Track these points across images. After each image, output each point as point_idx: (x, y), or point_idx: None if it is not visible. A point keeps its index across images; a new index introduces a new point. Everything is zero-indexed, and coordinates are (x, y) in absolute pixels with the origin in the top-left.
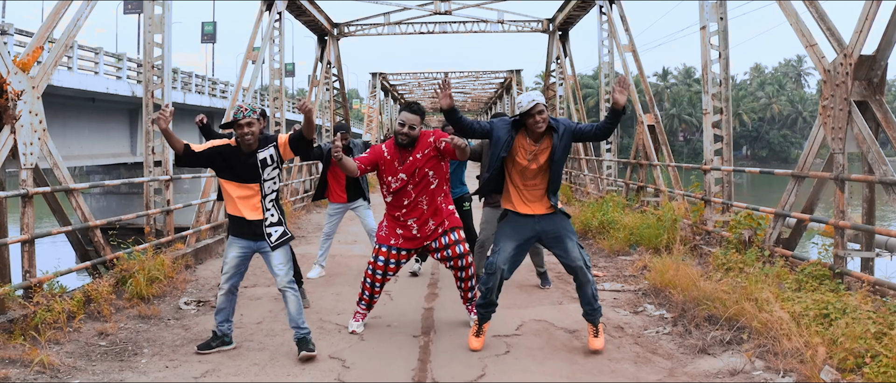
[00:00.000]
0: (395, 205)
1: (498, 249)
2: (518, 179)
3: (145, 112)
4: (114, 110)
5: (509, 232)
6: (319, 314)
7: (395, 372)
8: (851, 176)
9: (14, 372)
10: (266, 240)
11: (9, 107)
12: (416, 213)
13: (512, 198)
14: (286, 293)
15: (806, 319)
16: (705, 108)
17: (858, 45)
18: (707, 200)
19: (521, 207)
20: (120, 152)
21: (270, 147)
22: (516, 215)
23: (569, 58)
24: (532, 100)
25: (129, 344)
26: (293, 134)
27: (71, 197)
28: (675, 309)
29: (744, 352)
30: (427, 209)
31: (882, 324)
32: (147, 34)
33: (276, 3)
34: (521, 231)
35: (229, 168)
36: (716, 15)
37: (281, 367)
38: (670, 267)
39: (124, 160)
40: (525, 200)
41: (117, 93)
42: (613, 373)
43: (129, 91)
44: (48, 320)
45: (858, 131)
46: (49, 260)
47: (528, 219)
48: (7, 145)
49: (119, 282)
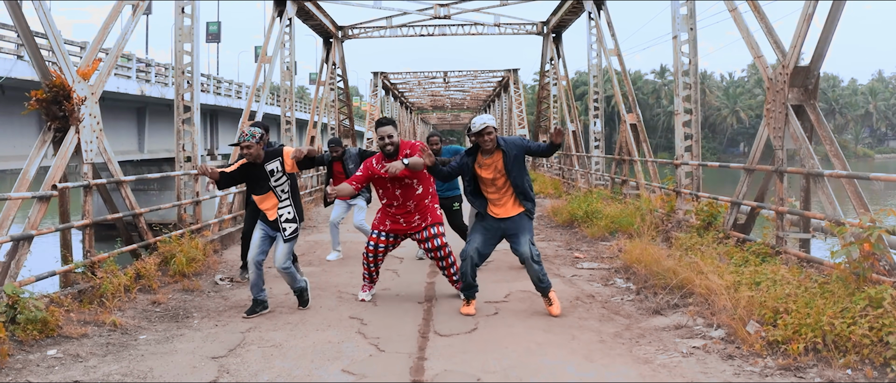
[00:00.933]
0: (388, 204)
1: (469, 240)
2: (489, 190)
3: (177, 113)
4: (123, 108)
5: (480, 228)
6: (338, 287)
7: (404, 327)
8: (788, 169)
9: (92, 330)
10: (281, 233)
11: (74, 111)
12: (403, 210)
13: (486, 205)
14: (281, 274)
15: (741, 286)
16: (677, 110)
17: (793, 57)
18: (678, 191)
19: (493, 211)
20: (128, 149)
21: (276, 160)
22: (488, 216)
23: (562, 59)
24: (484, 122)
25: (179, 310)
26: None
27: (121, 188)
28: (639, 282)
29: (688, 312)
30: (414, 209)
31: (797, 287)
32: (177, 43)
33: (287, 10)
34: (489, 228)
35: (250, 180)
36: (686, 25)
37: (310, 325)
38: (639, 248)
39: (132, 157)
40: (495, 206)
41: (127, 92)
42: (581, 328)
43: (137, 90)
44: (110, 291)
45: (794, 130)
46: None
47: (496, 220)
48: (72, 143)
49: (163, 261)
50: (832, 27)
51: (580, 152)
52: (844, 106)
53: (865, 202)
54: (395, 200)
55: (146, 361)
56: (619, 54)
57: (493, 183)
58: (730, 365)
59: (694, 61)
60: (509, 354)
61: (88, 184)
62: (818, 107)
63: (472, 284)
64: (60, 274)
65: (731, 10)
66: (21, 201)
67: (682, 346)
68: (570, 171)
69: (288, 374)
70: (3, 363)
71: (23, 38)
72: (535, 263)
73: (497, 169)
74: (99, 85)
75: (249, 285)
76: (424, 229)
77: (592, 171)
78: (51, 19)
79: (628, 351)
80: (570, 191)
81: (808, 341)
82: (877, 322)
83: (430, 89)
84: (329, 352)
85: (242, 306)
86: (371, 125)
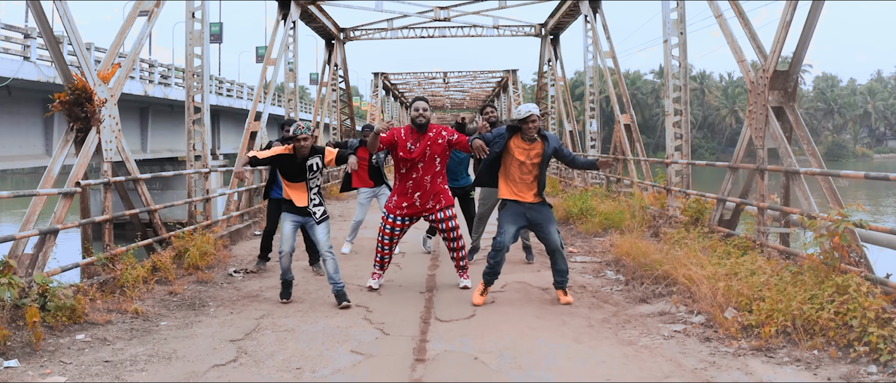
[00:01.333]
0: (405, 179)
1: (502, 231)
2: (515, 173)
3: (187, 114)
4: (126, 109)
5: (509, 218)
6: (344, 279)
7: (407, 314)
8: (768, 167)
9: (115, 317)
10: (311, 217)
11: (96, 113)
12: (421, 188)
13: (506, 189)
14: (326, 258)
15: (722, 277)
16: (667, 111)
17: (772, 62)
18: (668, 189)
19: (513, 196)
20: (132, 148)
21: (318, 156)
22: (512, 203)
23: (559, 60)
24: (529, 110)
25: (195, 300)
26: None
27: (138, 185)
28: (628, 273)
29: (671, 301)
30: (430, 186)
31: (772, 276)
32: (188, 47)
33: (292, 13)
34: (517, 218)
35: (286, 169)
36: (676, 30)
37: (319, 312)
38: (629, 242)
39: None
40: (516, 190)
41: (131, 92)
42: (571, 315)
43: (141, 90)
44: (130, 282)
45: (773, 131)
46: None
47: (520, 206)
48: (93, 143)
49: (177, 255)
50: (810, 32)
51: (577, 152)
52: (843, 106)
53: (839, 198)
54: (415, 172)
55: (169, 344)
56: (613, 56)
57: (521, 166)
58: (707, 346)
59: (684, 64)
60: (504, 337)
61: (108, 182)
62: (797, 109)
63: (498, 272)
64: (83, 265)
65: (717, 15)
66: (46, 197)
67: (664, 330)
68: (568, 170)
69: (301, 354)
70: (38, 346)
71: (47, 42)
72: (563, 253)
73: (533, 156)
74: (117, 88)
75: (282, 271)
76: (439, 211)
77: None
78: (74, 25)
79: (614, 334)
80: (566, 190)
81: (779, 325)
82: (842, 307)
83: (430, 89)
84: (338, 336)
85: (255, 295)
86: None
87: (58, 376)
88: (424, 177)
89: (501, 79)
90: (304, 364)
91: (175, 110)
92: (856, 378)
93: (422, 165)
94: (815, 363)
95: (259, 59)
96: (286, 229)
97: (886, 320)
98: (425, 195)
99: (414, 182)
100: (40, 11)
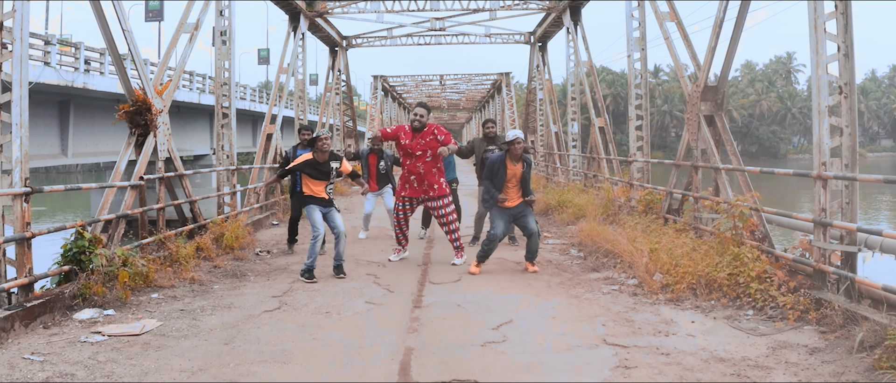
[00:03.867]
0: (406, 167)
1: (495, 226)
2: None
3: (217, 118)
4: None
5: (498, 215)
6: (355, 257)
7: (407, 279)
8: (700, 164)
9: (177, 282)
10: (334, 206)
11: (154, 120)
12: (415, 173)
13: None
14: (340, 237)
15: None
16: (630, 116)
17: (703, 79)
18: (631, 183)
19: (503, 203)
20: None
21: (336, 162)
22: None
23: (547, 66)
24: (515, 135)
25: (236, 271)
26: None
27: (182, 180)
28: (586, 251)
29: (615, 269)
30: (424, 173)
31: (690, 249)
32: (217, 61)
33: (301, 25)
34: (503, 214)
35: (312, 171)
36: (638, 47)
37: (334, 283)
38: (590, 227)
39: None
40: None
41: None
42: (535, 279)
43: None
44: (182, 257)
45: (704, 135)
46: None
47: (506, 209)
48: (151, 145)
49: (216, 238)
50: (733, 55)
51: (561, 151)
52: None
53: (751, 188)
54: (411, 161)
55: (226, 299)
56: (591, 66)
57: (508, 180)
58: (633, 299)
59: (645, 76)
60: (481, 294)
61: (162, 177)
62: (723, 117)
63: (490, 255)
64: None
65: (665, 37)
66: (116, 188)
67: (604, 289)
68: (553, 168)
69: (328, 304)
70: (126, 300)
71: (114, 62)
72: (537, 237)
73: (517, 172)
74: (168, 99)
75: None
76: (437, 199)
77: (570, 168)
78: (137, 49)
79: (566, 291)
80: (548, 185)
81: (688, 283)
82: (735, 269)
83: (428, 91)
84: (354, 292)
85: (284, 269)
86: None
87: (150, 319)
88: (417, 165)
89: (495, 80)
90: (332, 309)
91: (181, 111)
92: (736, 318)
93: (418, 154)
94: (709, 309)
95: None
96: (317, 218)
97: (766, 279)
98: (420, 179)
99: (409, 169)
100: (109, 36)
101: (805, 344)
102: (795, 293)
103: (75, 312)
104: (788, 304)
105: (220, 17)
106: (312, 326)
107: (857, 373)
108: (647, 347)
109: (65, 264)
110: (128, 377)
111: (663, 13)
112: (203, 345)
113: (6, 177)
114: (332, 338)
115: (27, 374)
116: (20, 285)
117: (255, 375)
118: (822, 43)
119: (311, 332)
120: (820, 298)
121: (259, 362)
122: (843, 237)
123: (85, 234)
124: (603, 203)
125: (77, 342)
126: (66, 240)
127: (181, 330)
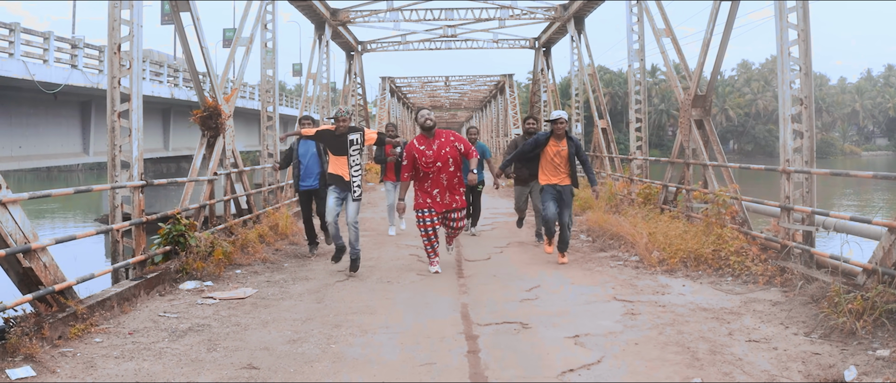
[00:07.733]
0: (423, 179)
1: (546, 206)
2: (549, 164)
3: (262, 121)
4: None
5: (547, 196)
6: (396, 242)
7: (446, 258)
8: (691, 161)
9: (252, 261)
10: (351, 192)
11: (223, 124)
12: (437, 186)
13: (544, 177)
14: (350, 227)
15: (652, 234)
16: (630, 119)
17: (693, 90)
18: (631, 179)
19: (550, 180)
20: (155, 147)
21: (357, 133)
22: (549, 186)
23: (551, 70)
24: (558, 115)
25: (297, 253)
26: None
27: (242, 176)
28: (594, 235)
29: (620, 249)
30: (446, 184)
31: (683, 232)
32: (262, 69)
33: (325, 33)
34: (553, 193)
35: (330, 143)
36: (638, 58)
37: (388, 257)
38: (597, 216)
39: (158, 154)
40: (551, 176)
41: (159, 96)
42: (551, 256)
43: (168, 93)
44: (250, 241)
45: (694, 137)
46: None
47: (554, 188)
48: (220, 146)
49: (272, 227)
50: (718, 68)
51: None
52: (831, 104)
53: (733, 180)
54: (433, 172)
55: (300, 272)
56: (593, 71)
57: (553, 159)
58: (635, 271)
59: (643, 84)
60: (509, 268)
61: (229, 173)
62: (711, 121)
63: (553, 231)
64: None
65: (662, 51)
66: (194, 183)
67: (611, 264)
68: None
69: (386, 276)
70: (220, 275)
71: (191, 75)
72: (568, 229)
73: (561, 151)
74: (233, 105)
75: (331, 236)
76: (455, 211)
77: None
78: (213, 64)
79: (580, 266)
80: None
81: (680, 258)
82: (718, 246)
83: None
84: (405, 268)
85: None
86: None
87: (246, 287)
88: (440, 176)
89: (498, 82)
90: (391, 279)
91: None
92: (718, 283)
93: (440, 164)
94: (697, 277)
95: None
96: (331, 201)
97: (743, 253)
98: (443, 191)
99: (430, 180)
100: (188, 52)
101: (770, 299)
102: (765, 263)
103: (180, 283)
104: (759, 271)
105: (265, 29)
106: (381, 291)
107: (805, 316)
108: (647, 302)
109: (165, 245)
110: (253, 325)
111: (660, 29)
112: (300, 304)
113: (125, 172)
114: (402, 297)
115: (170, 325)
116: (139, 261)
117: (351, 322)
118: (787, 64)
119: (382, 294)
120: (784, 266)
121: (351, 313)
122: (804, 219)
123: (182, 220)
124: (606, 196)
125: (195, 304)
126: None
127: (276, 295)
